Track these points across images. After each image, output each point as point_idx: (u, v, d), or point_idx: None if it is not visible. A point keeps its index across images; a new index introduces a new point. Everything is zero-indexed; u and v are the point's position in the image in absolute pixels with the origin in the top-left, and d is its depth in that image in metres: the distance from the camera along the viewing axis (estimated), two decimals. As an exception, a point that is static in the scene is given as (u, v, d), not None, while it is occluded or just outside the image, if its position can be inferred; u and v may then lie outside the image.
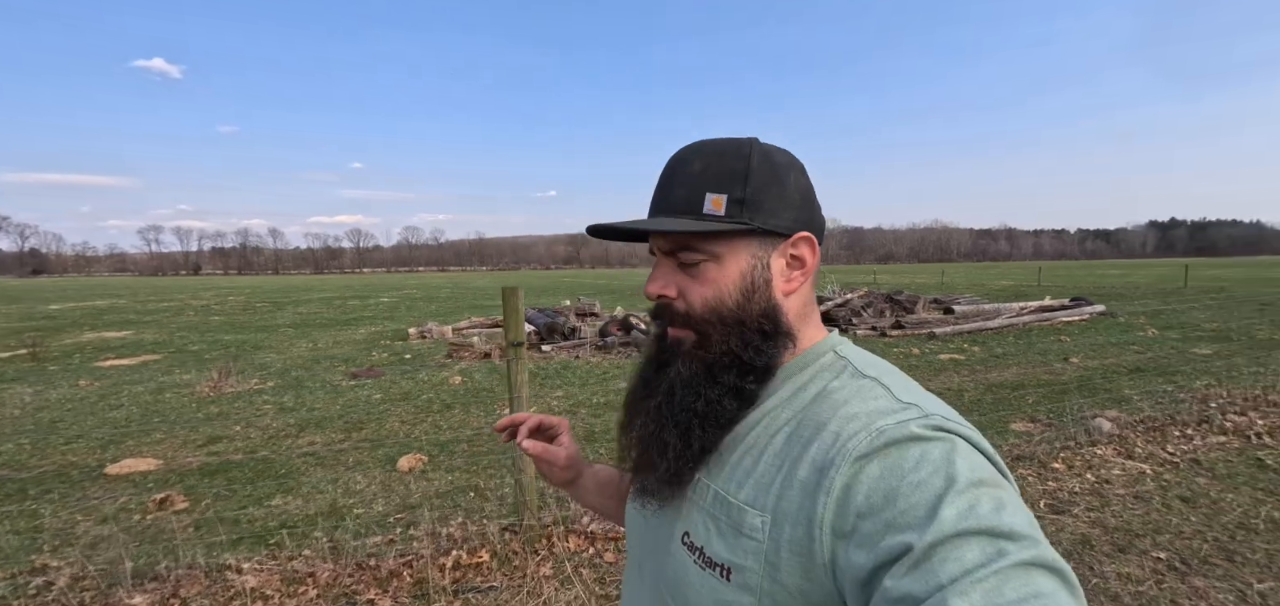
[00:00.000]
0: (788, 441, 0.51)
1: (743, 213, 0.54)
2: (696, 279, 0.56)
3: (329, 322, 14.93)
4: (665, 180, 0.57)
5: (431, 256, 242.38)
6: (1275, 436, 3.82)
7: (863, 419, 0.47)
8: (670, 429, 0.55)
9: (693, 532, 0.54)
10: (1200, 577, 2.33)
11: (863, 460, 0.44)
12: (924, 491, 0.40)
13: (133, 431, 5.14)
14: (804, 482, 0.47)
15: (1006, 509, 0.39)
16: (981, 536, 0.37)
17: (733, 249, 0.55)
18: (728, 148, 0.56)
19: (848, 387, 0.52)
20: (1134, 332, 9.40)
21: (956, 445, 0.43)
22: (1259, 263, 71.84)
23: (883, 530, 0.41)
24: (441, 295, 27.04)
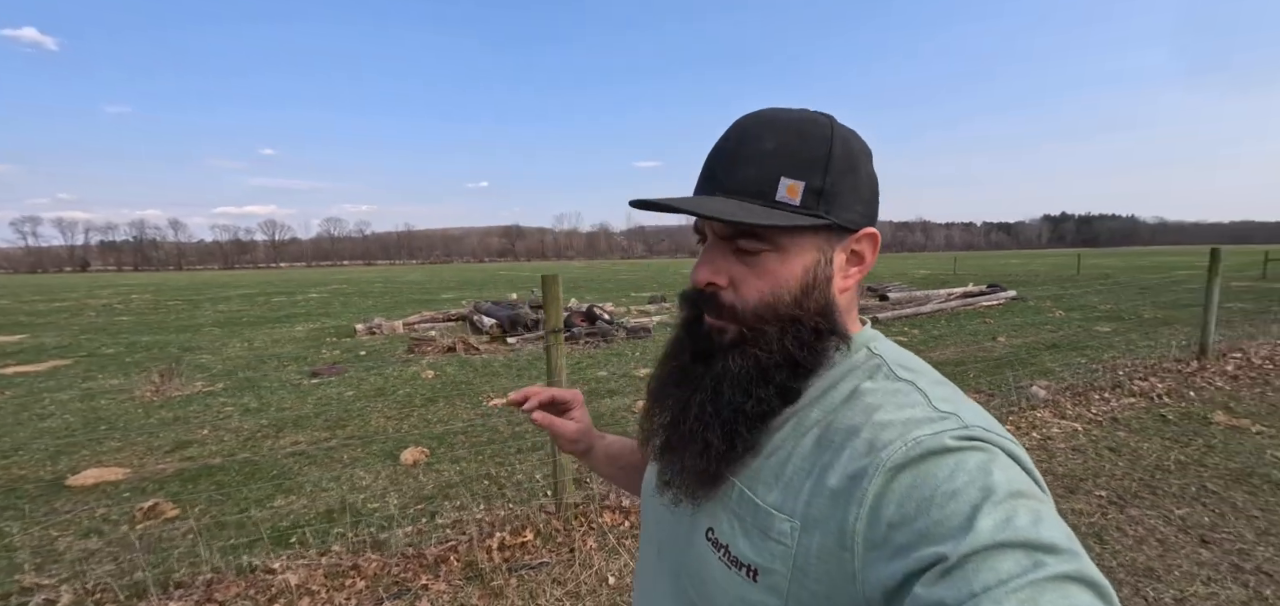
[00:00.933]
0: (817, 444, 0.49)
1: (819, 204, 0.50)
2: (753, 269, 0.52)
3: (259, 320, 14.05)
4: (731, 153, 0.52)
5: (356, 249, 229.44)
6: (1172, 397, 4.55)
7: (898, 427, 0.45)
8: (714, 428, 0.52)
9: (717, 530, 0.53)
10: (1134, 508, 2.83)
11: (897, 470, 0.43)
12: (960, 501, 0.39)
13: (80, 441, 4.76)
14: (835, 490, 0.45)
15: (1045, 522, 0.38)
16: (1019, 548, 0.36)
17: (799, 242, 0.51)
18: (805, 126, 0.52)
19: (882, 390, 0.50)
20: (1044, 314, 10.57)
21: (995, 455, 0.42)
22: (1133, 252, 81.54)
23: (916, 540, 0.40)
24: (375, 290, 25.87)
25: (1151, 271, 24.59)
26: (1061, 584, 0.34)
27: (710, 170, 0.53)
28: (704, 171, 0.54)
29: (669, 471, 0.57)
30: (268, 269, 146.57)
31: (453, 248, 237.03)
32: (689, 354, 0.57)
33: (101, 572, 2.68)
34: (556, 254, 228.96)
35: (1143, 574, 2.29)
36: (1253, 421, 4.00)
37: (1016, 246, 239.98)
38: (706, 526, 0.54)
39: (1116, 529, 2.63)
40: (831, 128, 0.52)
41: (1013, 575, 0.35)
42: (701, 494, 0.54)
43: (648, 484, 0.67)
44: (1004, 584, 0.34)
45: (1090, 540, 2.56)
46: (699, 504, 0.54)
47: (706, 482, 0.53)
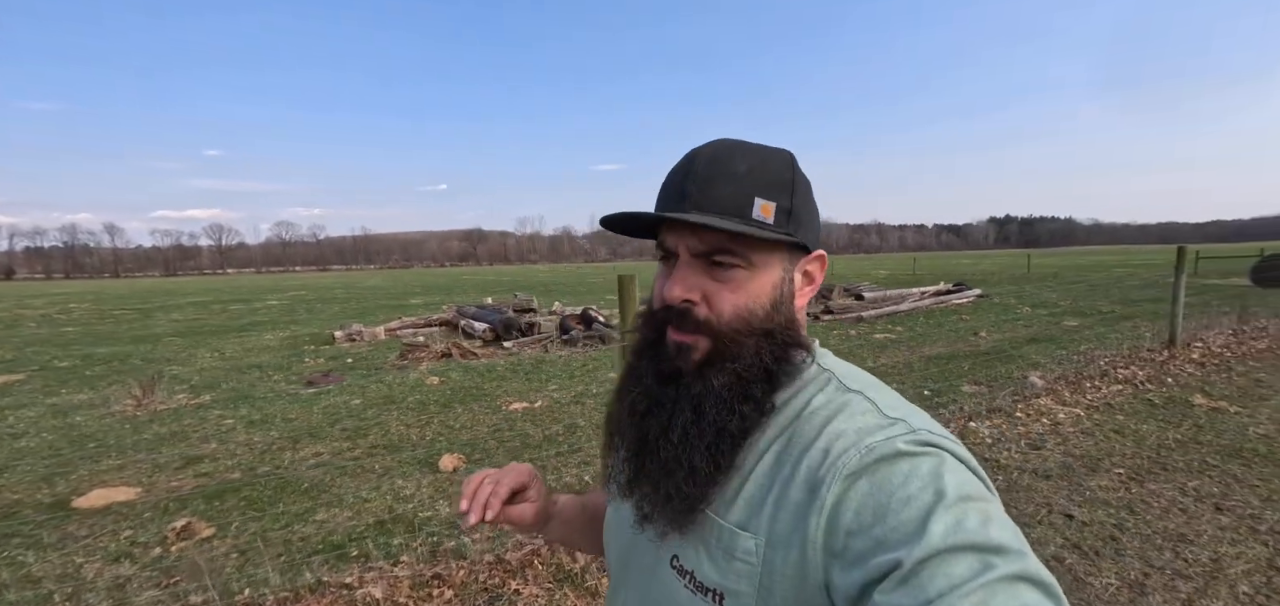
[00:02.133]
0: (777, 460, 0.50)
1: (789, 223, 0.53)
2: (726, 285, 0.53)
3: (222, 329, 13.45)
4: (703, 175, 0.53)
5: (309, 255, 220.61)
6: (1153, 383, 4.95)
7: (852, 435, 0.47)
8: (699, 450, 0.51)
9: (682, 556, 0.53)
10: (1151, 483, 3.10)
11: (852, 477, 0.44)
12: (913, 507, 0.40)
13: (69, 459, 4.50)
14: (796, 503, 0.46)
15: (994, 523, 0.39)
16: (969, 551, 0.37)
17: (769, 259, 0.54)
18: (769, 154, 0.55)
19: (834, 402, 0.51)
20: (1013, 311, 11.19)
21: (944, 460, 0.43)
22: (1073, 252, 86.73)
23: (873, 547, 0.41)
24: (337, 296, 25.06)
25: (1093, 270, 26.27)
26: (1011, 583, 0.36)
27: (681, 189, 0.53)
28: (671, 191, 0.54)
29: (647, 504, 0.55)
30: (214, 275, 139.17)
31: (411, 252, 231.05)
32: (652, 378, 0.56)
33: (146, 599, 2.57)
34: (519, 257, 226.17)
35: (1177, 539, 2.53)
36: (1228, 402, 4.40)
37: (965, 247, 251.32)
38: (671, 554, 0.54)
39: (1142, 502, 2.89)
40: (793, 159, 0.56)
41: (965, 578, 0.36)
42: (687, 521, 0.52)
43: (611, 522, 0.67)
44: (956, 588, 0.36)
45: (1122, 512, 2.80)
46: (683, 532, 0.53)
47: (692, 507, 0.52)
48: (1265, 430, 3.81)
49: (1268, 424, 3.93)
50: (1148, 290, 14.48)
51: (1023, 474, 3.28)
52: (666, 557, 0.55)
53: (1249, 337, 6.69)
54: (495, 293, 21.14)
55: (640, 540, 0.58)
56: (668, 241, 0.55)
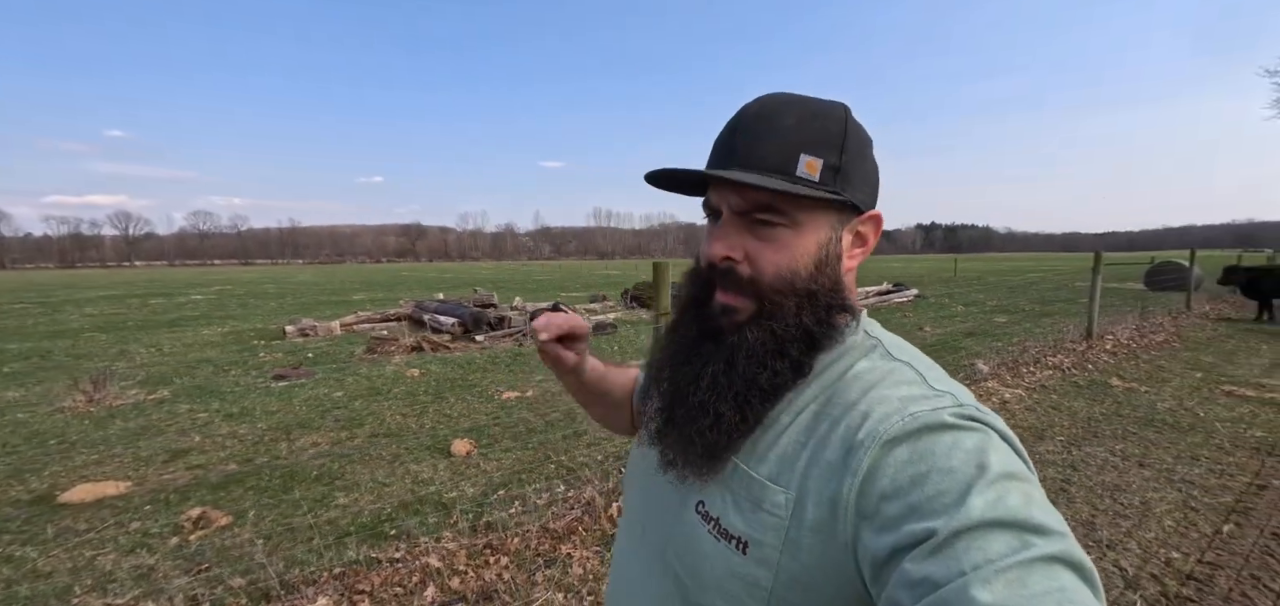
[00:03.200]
0: (814, 419, 0.50)
1: (836, 181, 0.52)
2: (769, 243, 0.52)
3: (147, 325, 12.57)
4: (749, 129, 0.52)
5: (230, 247, 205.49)
6: (1077, 369, 5.70)
7: (896, 402, 0.46)
8: (727, 400, 0.52)
9: (708, 502, 0.53)
10: (1087, 447, 3.67)
11: (893, 443, 0.44)
12: (954, 478, 0.40)
13: (33, 457, 4.24)
14: (831, 463, 0.46)
15: (1036, 504, 0.39)
16: (1009, 528, 0.37)
17: (815, 217, 0.52)
18: (823, 108, 0.53)
19: (879, 368, 0.51)
20: (947, 309, 12.21)
21: (990, 436, 0.43)
22: (991, 257, 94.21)
23: (907, 513, 0.40)
24: (268, 291, 23.75)
25: (1011, 274, 28.78)
26: (1049, 565, 0.35)
27: (728, 145, 0.53)
28: (720, 147, 0.54)
29: (672, 449, 0.56)
30: (121, 268, 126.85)
31: (344, 246, 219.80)
32: (695, 331, 0.56)
33: (179, 585, 2.56)
34: (460, 254, 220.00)
35: (1113, 489, 3.06)
36: (1139, 384, 5.16)
37: (895, 251, 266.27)
38: (696, 500, 0.54)
39: (1082, 461, 3.43)
40: (846, 112, 0.54)
41: (1002, 554, 0.35)
42: (708, 468, 0.53)
43: (635, 463, 0.68)
44: (992, 563, 0.35)
45: (1067, 469, 3.32)
46: (705, 479, 0.53)
47: (716, 454, 0.52)
48: (1169, 405, 4.54)
49: (1171, 400, 4.67)
50: (1060, 292, 16.10)
51: (984, 443, 3.79)
52: (692, 502, 0.54)
53: (1149, 332, 7.74)
54: (442, 289, 20.68)
55: (666, 483, 0.58)
56: (712, 199, 0.55)
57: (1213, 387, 5.03)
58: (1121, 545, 2.50)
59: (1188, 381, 5.27)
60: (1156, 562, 2.36)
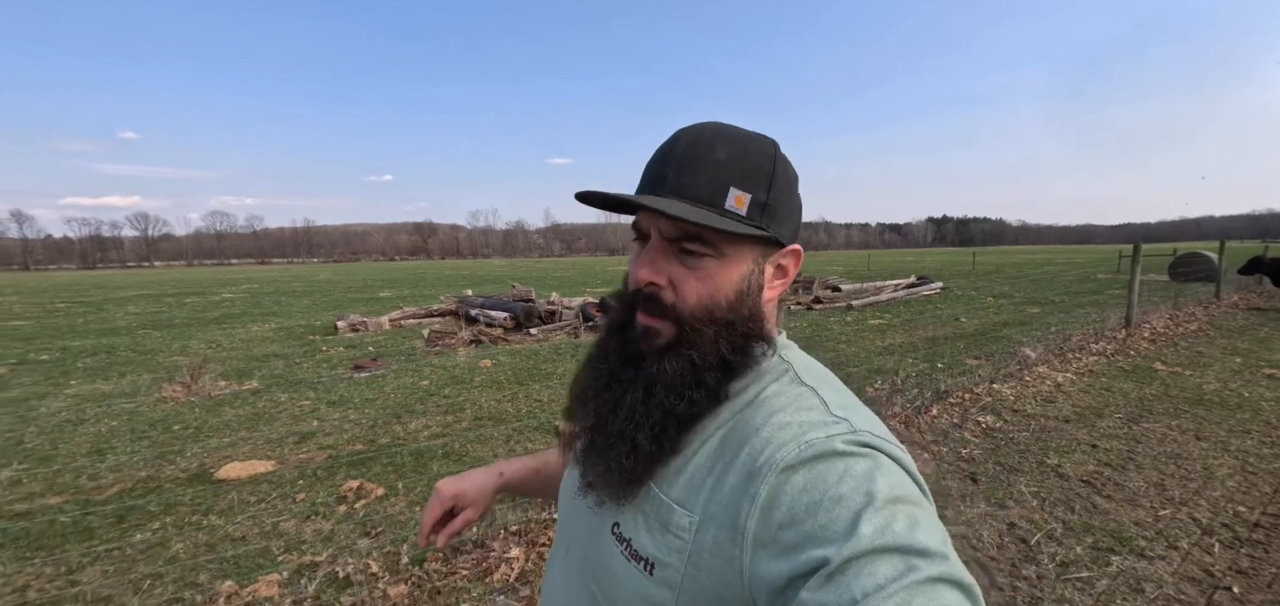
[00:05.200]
0: (721, 443, 0.52)
1: (762, 216, 0.53)
2: (694, 272, 0.54)
3: (192, 322, 13.13)
4: (682, 159, 0.54)
5: (246, 246, 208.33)
6: (1120, 355, 6.01)
7: (794, 429, 0.48)
8: (643, 429, 0.53)
9: (623, 524, 0.55)
10: (1145, 423, 4.01)
11: (789, 471, 0.45)
12: (844, 507, 0.42)
13: (167, 442, 4.65)
14: (733, 487, 0.48)
15: (921, 526, 0.40)
16: (895, 553, 0.39)
17: (739, 250, 0.54)
18: (753, 143, 0.55)
19: (785, 394, 0.53)
20: (976, 301, 12.47)
21: (879, 462, 0.45)
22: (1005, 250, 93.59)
23: (802, 541, 0.42)
24: (294, 289, 24.40)
25: (1028, 267, 28.75)
26: (933, 586, 0.38)
27: (659, 172, 0.54)
28: (651, 173, 0.56)
29: (591, 473, 0.58)
30: (141, 268, 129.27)
31: (357, 245, 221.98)
32: (617, 358, 0.58)
33: (365, 545, 2.85)
34: (471, 251, 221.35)
35: (1175, 457, 3.40)
36: (1182, 368, 5.47)
37: (906, 245, 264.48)
38: (613, 521, 0.56)
39: (1143, 436, 3.77)
40: (776, 149, 0.56)
41: (889, 579, 0.38)
42: (625, 495, 0.54)
43: (566, 486, 0.69)
44: (881, 589, 0.37)
45: (1130, 442, 3.66)
46: (621, 504, 0.55)
47: (631, 483, 0.54)
48: (1215, 386, 4.86)
49: (1215, 382, 4.99)
50: (1084, 284, 16.26)
51: (1047, 420, 4.14)
52: (608, 523, 0.57)
53: (1183, 321, 8.00)
54: (468, 286, 21.18)
55: (584, 505, 0.60)
56: (642, 222, 0.56)
57: (1254, 371, 5.33)
58: (1192, 502, 2.85)
59: (1229, 365, 5.57)
60: (1226, 514, 2.71)
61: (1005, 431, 3.91)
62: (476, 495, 0.83)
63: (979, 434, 3.87)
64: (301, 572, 2.64)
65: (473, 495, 0.82)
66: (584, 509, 0.60)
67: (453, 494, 0.82)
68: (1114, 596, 2.15)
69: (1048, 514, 2.78)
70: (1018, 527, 2.66)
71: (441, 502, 0.81)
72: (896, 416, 4.01)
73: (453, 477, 0.83)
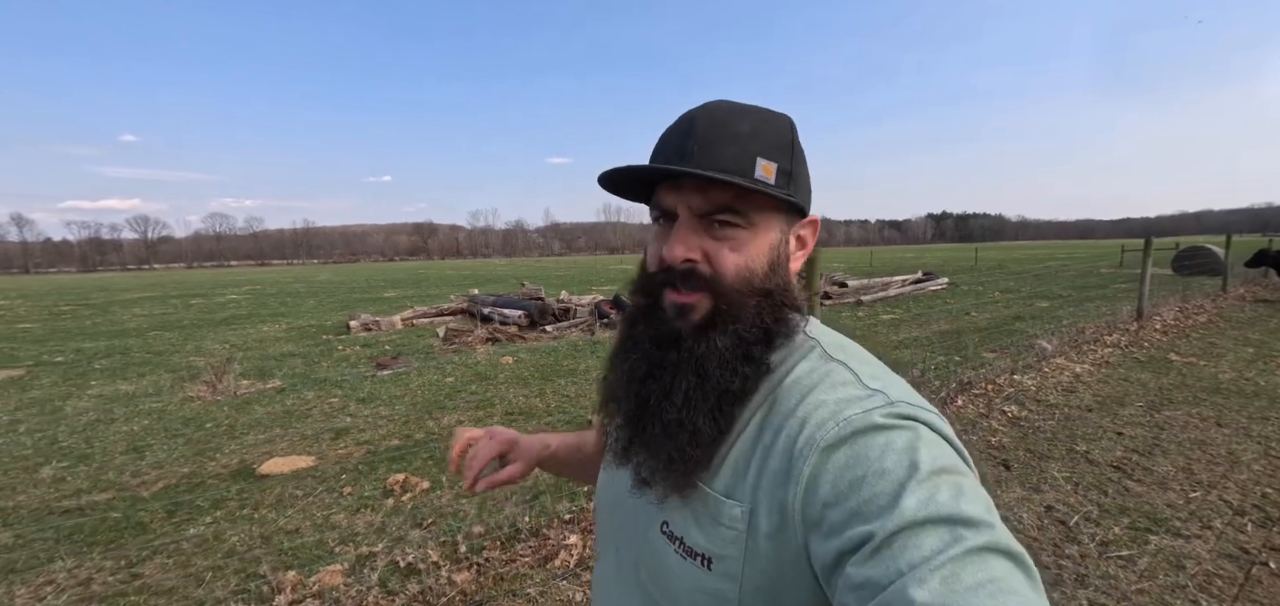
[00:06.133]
0: (760, 428, 0.52)
1: (788, 185, 0.54)
2: (727, 243, 0.54)
3: (202, 323, 13.22)
4: (705, 134, 0.53)
5: (246, 248, 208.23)
6: (1134, 346, 6.10)
7: (830, 406, 0.48)
8: (702, 412, 0.52)
9: (671, 522, 0.55)
10: (1166, 411, 4.10)
11: (830, 449, 0.45)
12: (887, 480, 0.42)
13: (202, 440, 4.73)
14: (776, 472, 0.48)
15: (965, 495, 0.40)
16: (941, 524, 0.38)
17: (768, 219, 0.55)
18: (772, 117, 0.56)
19: (817, 371, 0.53)
20: (984, 296, 12.56)
21: (920, 433, 0.45)
22: (1006, 246, 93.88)
23: (847, 519, 0.42)
24: (297, 290, 24.50)
25: (1030, 262, 28.89)
26: (980, 555, 0.37)
27: (680, 147, 0.53)
28: (670, 148, 0.54)
29: (645, 468, 0.56)
30: (141, 271, 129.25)
31: (356, 245, 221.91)
32: (650, 342, 0.56)
33: (415, 537, 2.90)
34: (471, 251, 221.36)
35: (1199, 443, 3.50)
36: (1196, 359, 5.57)
37: (906, 242, 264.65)
38: (661, 520, 0.56)
39: (1166, 424, 3.87)
40: (792, 123, 0.57)
41: (936, 551, 0.37)
42: (688, 483, 0.53)
43: (603, 486, 0.68)
44: (927, 561, 0.37)
45: (1154, 430, 3.75)
46: (684, 494, 0.54)
47: (696, 470, 0.53)
48: (1230, 376, 4.95)
49: (1230, 372, 5.08)
50: (1088, 279, 16.36)
51: (1070, 409, 4.23)
52: (656, 523, 0.56)
53: (1192, 313, 8.10)
54: (472, 285, 21.28)
55: (633, 505, 0.59)
56: (667, 201, 0.55)
57: (1267, 361, 5.43)
58: (1221, 485, 2.95)
59: (1242, 355, 5.67)
60: (1255, 495, 2.81)
61: (1031, 420, 4.01)
62: (525, 454, 0.81)
63: (1006, 423, 3.96)
64: (362, 562, 2.72)
65: (522, 452, 0.81)
66: (630, 509, 0.60)
67: (508, 441, 0.80)
68: (1155, 572, 2.24)
69: (1082, 497, 2.87)
70: (1055, 510, 2.75)
71: (497, 446, 0.78)
72: (923, 407, 4.09)
73: (507, 428, 0.82)
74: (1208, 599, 2.09)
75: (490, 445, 0.78)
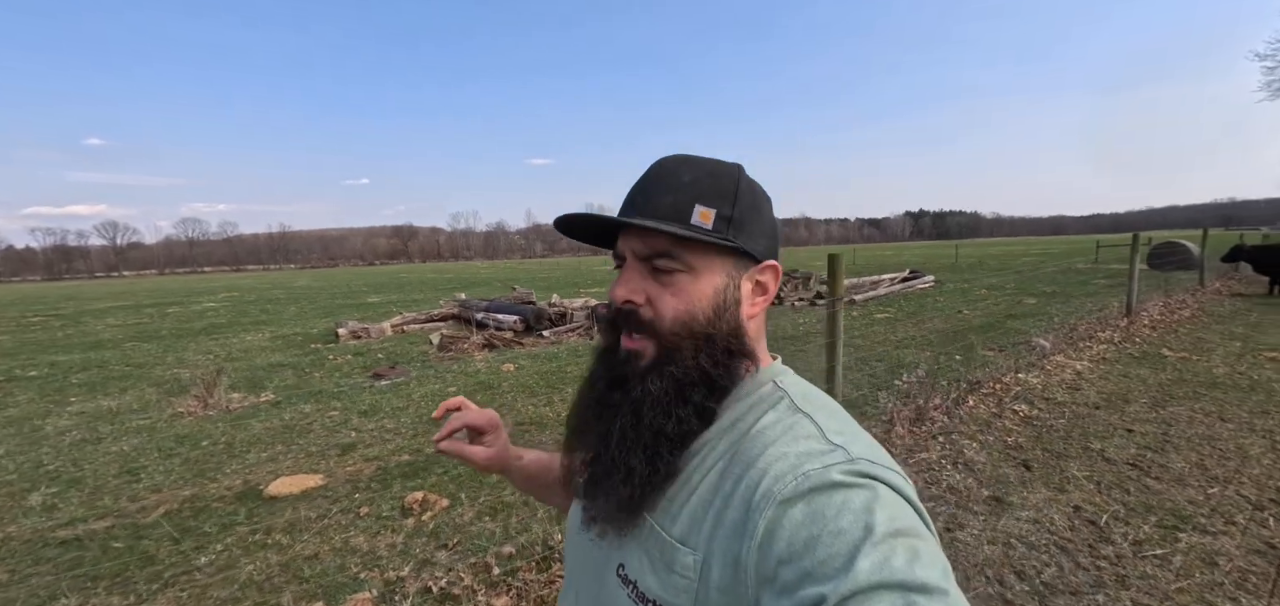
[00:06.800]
0: (721, 476, 0.52)
1: (728, 230, 0.55)
2: (668, 288, 0.55)
3: (181, 333, 12.81)
4: (649, 184, 0.57)
5: (219, 254, 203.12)
6: (1127, 342, 6.25)
7: (791, 459, 0.48)
8: (636, 453, 0.54)
9: (628, 565, 0.55)
10: (1170, 407, 4.20)
11: (787, 504, 0.45)
12: (842, 541, 0.41)
13: (198, 460, 4.55)
14: (733, 523, 0.48)
15: (921, 560, 0.40)
16: (893, 590, 0.38)
17: (710, 264, 0.56)
18: (716, 167, 0.58)
19: (782, 423, 0.53)
20: (970, 294, 12.78)
21: (878, 492, 0.44)
22: (983, 243, 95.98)
23: (800, 579, 0.42)
24: (277, 297, 23.98)
25: (1009, 259, 29.55)
26: None
27: (631, 199, 0.58)
28: (625, 202, 0.59)
29: (593, 506, 0.58)
30: (110, 278, 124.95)
31: (334, 250, 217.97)
32: (604, 383, 0.59)
33: (443, 559, 2.81)
34: (453, 254, 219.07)
35: (1207, 440, 3.58)
36: (1189, 354, 5.73)
37: (885, 239, 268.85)
38: (618, 563, 0.56)
39: (1172, 419, 3.96)
40: (739, 171, 0.59)
41: None
42: (626, 523, 0.55)
43: (571, 524, 0.69)
44: None
45: (1161, 426, 3.84)
46: (623, 536, 0.55)
47: (630, 510, 0.54)
48: (1224, 371, 5.10)
49: (1223, 366, 5.23)
50: (1067, 275, 16.75)
51: (1078, 407, 4.31)
52: (613, 565, 0.56)
53: (1176, 308, 8.34)
54: (452, 289, 21.08)
55: (590, 543, 0.60)
56: (619, 247, 0.59)
57: (1255, 355, 5.60)
58: (1235, 480, 3.02)
59: (1231, 350, 5.85)
60: (1270, 490, 2.88)
61: (1042, 419, 4.07)
62: (500, 446, 0.83)
63: (1018, 422, 4.02)
64: (391, 589, 2.62)
65: (498, 441, 0.82)
66: (589, 549, 0.61)
67: (490, 423, 0.82)
68: (1191, 570, 2.28)
69: (1107, 496, 2.92)
70: (1083, 510, 2.79)
71: (484, 421, 0.81)
72: (937, 408, 4.14)
73: (496, 416, 0.84)
74: (1245, 595, 2.13)
75: (477, 414, 0.81)
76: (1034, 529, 2.65)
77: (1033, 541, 2.55)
